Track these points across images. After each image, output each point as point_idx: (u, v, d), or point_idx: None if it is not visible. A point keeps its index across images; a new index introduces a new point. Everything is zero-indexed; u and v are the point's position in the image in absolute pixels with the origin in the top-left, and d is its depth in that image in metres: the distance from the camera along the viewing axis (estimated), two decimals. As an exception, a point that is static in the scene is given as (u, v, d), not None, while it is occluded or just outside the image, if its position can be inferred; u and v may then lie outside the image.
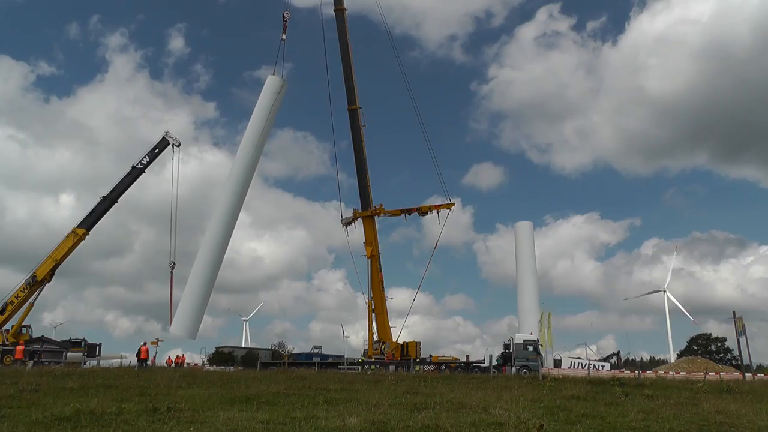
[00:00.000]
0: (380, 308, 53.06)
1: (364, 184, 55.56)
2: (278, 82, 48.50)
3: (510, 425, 11.93)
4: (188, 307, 41.92)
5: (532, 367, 38.38)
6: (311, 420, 12.39)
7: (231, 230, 46.24)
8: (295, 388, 19.75)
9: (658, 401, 17.49)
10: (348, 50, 55.62)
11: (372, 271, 53.85)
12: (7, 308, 48.90)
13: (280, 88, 48.39)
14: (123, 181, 52.30)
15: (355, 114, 54.96)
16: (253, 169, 48.15)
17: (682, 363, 65.44)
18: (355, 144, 54.61)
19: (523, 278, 59.92)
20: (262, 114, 47.58)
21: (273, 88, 48.18)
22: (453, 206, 54.34)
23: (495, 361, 43.53)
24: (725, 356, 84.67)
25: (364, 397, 17.06)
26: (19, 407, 14.26)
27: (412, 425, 11.80)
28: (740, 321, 39.40)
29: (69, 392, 18.12)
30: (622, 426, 12.63)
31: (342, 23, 55.95)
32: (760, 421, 13.56)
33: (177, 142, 53.50)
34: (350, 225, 55.70)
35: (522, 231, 62.59)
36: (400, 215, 56.20)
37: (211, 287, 44.65)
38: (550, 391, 19.67)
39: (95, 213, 51.63)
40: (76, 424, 11.78)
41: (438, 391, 19.54)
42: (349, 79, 55.02)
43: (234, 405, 15.16)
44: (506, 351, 43.32)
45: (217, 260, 44.41)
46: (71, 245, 50.38)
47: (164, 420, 12.43)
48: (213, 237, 44.42)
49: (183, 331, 42.05)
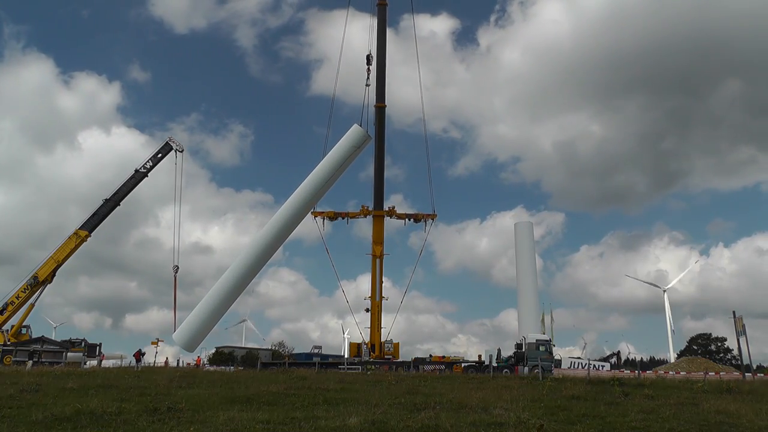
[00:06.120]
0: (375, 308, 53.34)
1: (380, 184, 55.79)
2: (362, 135, 42.70)
3: (510, 425, 11.93)
4: (197, 322, 41.57)
5: (545, 367, 38.15)
6: (311, 420, 12.39)
7: (263, 262, 44.26)
8: (295, 388, 19.74)
9: (658, 401, 17.47)
10: (385, 43, 56.04)
11: (379, 271, 53.90)
12: (7, 308, 48.92)
13: (362, 142, 42.62)
14: (126, 184, 52.55)
15: (382, 112, 55.36)
16: (305, 212, 45.04)
17: (682, 363, 65.41)
18: (380, 142, 54.74)
19: (523, 278, 59.90)
20: (335, 163, 42.35)
21: (354, 140, 42.40)
22: (436, 217, 55.83)
23: (495, 361, 43.40)
24: (725, 356, 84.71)
25: (364, 397, 17.05)
26: (19, 407, 14.26)
27: (412, 425, 11.80)
28: (740, 321, 39.35)
29: (69, 392, 18.11)
30: (622, 426, 12.63)
31: (383, 19, 56.53)
32: (760, 421, 13.55)
33: (180, 147, 54.23)
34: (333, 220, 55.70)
35: (522, 231, 62.55)
36: (405, 219, 56.46)
37: (226, 310, 43.77)
38: (550, 391, 19.66)
39: (98, 215, 51.79)
40: (76, 424, 11.78)
41: (438, 391, 19.52)
42: (382, 76, 55.45)
43: (234, 405, 15.15)
44: (518, 351, 43.15)
45: (240, 286, 43.25)
46: (73, 247, 50.46)
47: (164, 420, 12.44)
48: (243, 263, 42.30)
49: (184, 343, 41.94)
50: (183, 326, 41.91)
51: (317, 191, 43.17)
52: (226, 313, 43.97)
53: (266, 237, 42.90)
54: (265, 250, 43.08)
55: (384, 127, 55.87)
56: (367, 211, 55.43)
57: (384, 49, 56.05)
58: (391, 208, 55.64)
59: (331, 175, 42.53)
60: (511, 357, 43.85)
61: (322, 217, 54.87)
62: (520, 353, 42.44)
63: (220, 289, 41.97)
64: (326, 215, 55.08)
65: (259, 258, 43.00)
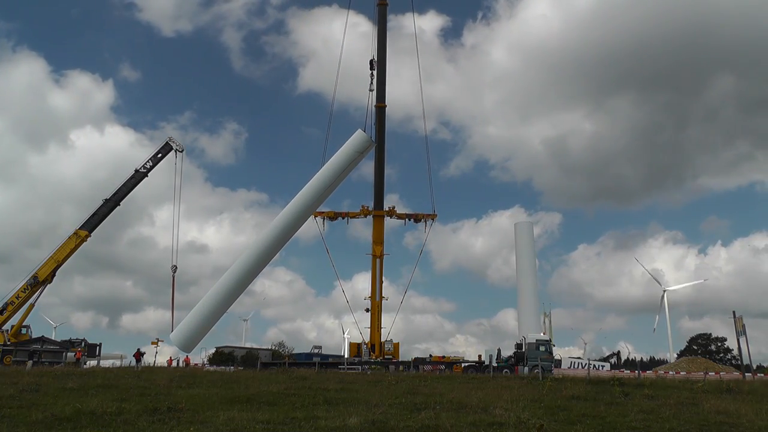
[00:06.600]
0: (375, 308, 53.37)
1: (380, 183, 55.81)
2: (365, 140, 42.31)
3: (510, 425, 11.94)
4: (194, 323, 41.44)
5: (545, 367, 38.16)
6: (311, 420, 12.40)
7: (264, 264, 43.80)
8: (295, 388, 19.73)
9: (658, 401, 17.45)
10: (385, 43, 56.03)
11: (380, 271, 53.92)
12: (7, 308, 48.91)
13: (365, 148, 42.20)
14: (126, 184, 52.45)
15: (383, 112, 55.41)
16: (307, 216, 44.85)
17: (682, 363, 65.51)
18: (380, 142, 54.77)
19: (523, 278, 59.90)
20: (337, 168, 42.04)
21: (358, 145, 41.91)
22: (436, 217, 56.12)
23: (495, 361, 43.40)
24: (725, 356, 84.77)
25: (364, 397, 17.05)
26: (19, 407, 14.25)
27: (412, 425, 11.80)
28: (740, 321, 39.36)
29: (69, 392, 18.11)
30: (622, 426, 12.63)
31: (383, 19, 56.53)
32: (760, 421, 13.55)
33: (180, 147, 54.07)
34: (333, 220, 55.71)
35: (522, 231, 62.55)
36: (405, 219, 56.50)
37: (224, 311, 43.67)
38: (550, 391, 19.65)
39: (98, 215, 51.75)
40: (76, 424, 11.78)
41: (438, 391, 19.52)
42: (382, 76, 55.42)
43: (234, 405, 15.15)
44: (518, 351, 43.15)
45: (240, 287, 43.15)
46: (73, 247, 50.44)
47: (164, 420, 12.44)
48: (243, 265, 41.97)
49: (181, 344, 41.84)
50: (180, 327, 41.82)
51: (319, 196, 43.07)
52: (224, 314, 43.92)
53: (267, 240, 42.74)
54: (265, 252, 42.97)
55: (384, 127, 56.01)
56: (368, 211, 55.50)
57: (384, 50, 56.07)
58: (391, 208, 55.72)
59: (333, 180, 42.49)
60: (511, 357, 43.84)
61: (322, 218, 54.90)
62: (520, 353, 42.43)
63: (219, 290, 41.89)
64: (326, 215, 55.12)
65: (260, 260, 42.86)
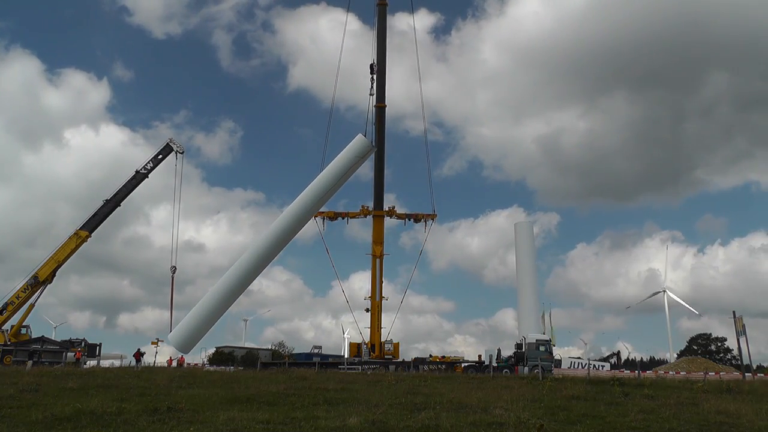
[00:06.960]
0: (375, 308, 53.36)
1: (380, 184, 55.84)
2: (366, 145, 42.33)
3: (510, 425, 11.94)
4: (193, 324, 41.37)
5: (545, 367, 38.17)
6: (311, 420, 12.40)
7: (263, 267, 43.70)
8: (295, 388, 19.74)
9: (658, 401, 17.47)
10: (385, 43, 55.88)
11: (380, 271, 53.90)
12: (7, 308, 48.92)
13: (365, 152, 42.36)
14: (126, 185, 52.47)
15: (382, 112, 55.37)
16: (307, 219, 44.82)
17: (682, 363, 65.53)
18: (380, 143, 54.75)
19: (522, 278, 59.86)
20: (338, 172, 42.08)
21: (358, 150, 41.93)
22: (436, 217, 56.24)
23: (495, 361, 43.38)
24: (725, 356, 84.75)
25: (364, 397, 17.05)
26: (19, 407, 14.26)
27: (412, 425, 11.81)
28: (740, 321, 39.38)
29: (69, 392, 18.12)
30: (622, 426, 12.64)
31: (383, 19, 56.38)
32: (760, 421, 13.56)
33: (181, 149, 54.11)
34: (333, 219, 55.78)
35: (522, 231, 62.51)
36: (405, 219, 56.52)
37: (223, 312, 43.60)
38: (550, 391, 19.66)
39: (98, 216, 51.78)
40: (76, 424, 11.78)
41: (438, 391, 19.52)
42: (381, 76, 55.27)
43: (234, 405, 15.15)
44: (518, 351, 43.16)
45: (239, 290, 43.04)
46: (74, 247, 50.46)
47: (164, 420, 12.44)
48: (242, 267, 41.75)
49: (179, 345, 41.77)
50: (179, 327, 41.76)
51: (320, 199, 43.31)
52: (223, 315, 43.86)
53: (267, 242, 42.77)
54: (264, 255, 43.06)
55: (384, 127, 55.97)
56: (367, 211, 55.50)
57: (384, 50, 56.03)
58: (391, 208, 55.68)
59: (334, 184, 42.69)
60: (511, 357, 43.83)
61: (322, 218, 54.95)
62: (520, 353, 42.42)
63: (218, 291, 41.87)
64: (327, 216, 55.15)
65: (259, 263, 42.94)
